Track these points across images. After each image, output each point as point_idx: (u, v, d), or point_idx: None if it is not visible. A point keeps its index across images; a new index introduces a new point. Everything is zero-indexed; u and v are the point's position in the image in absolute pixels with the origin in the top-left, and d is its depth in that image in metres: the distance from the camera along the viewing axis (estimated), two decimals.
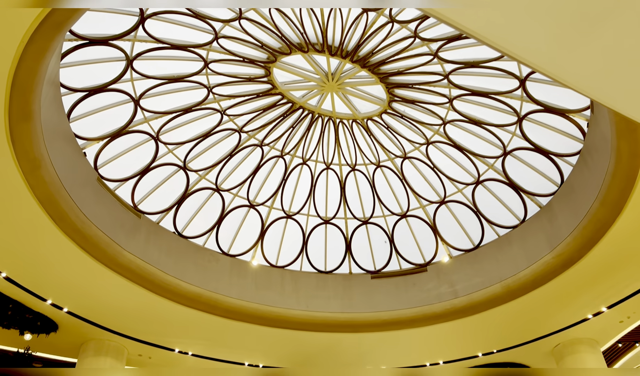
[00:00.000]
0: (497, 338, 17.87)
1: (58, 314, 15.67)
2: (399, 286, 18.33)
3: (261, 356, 18.88)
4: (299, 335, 17.72)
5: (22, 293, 14.71)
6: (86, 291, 15.13)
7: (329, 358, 18.88)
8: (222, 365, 18.89)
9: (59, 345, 16.88)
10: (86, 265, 14.06)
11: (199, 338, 17.63)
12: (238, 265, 17.95)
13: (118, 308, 15.94)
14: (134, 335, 16.99)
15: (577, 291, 15.51)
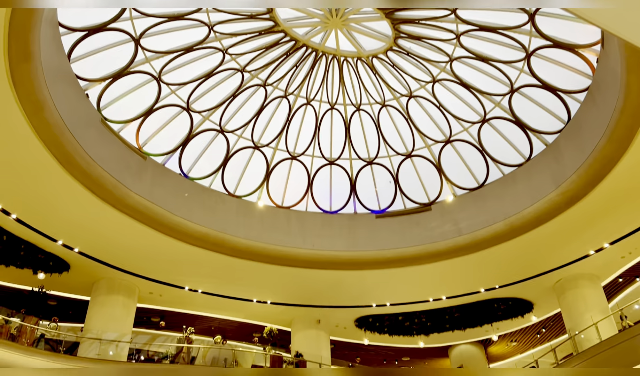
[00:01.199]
0: (499, 274, 18.19)
1: (69, 254, 16.05)
2: (403, 225, 18.52)
3: (269, 293, 19.36)
4: (305, 273, 18.10)
5: (33, 234, 15.02)
6: (96, 231, 15.42)
7: (334, 294, 19.34)
8: (232, 301, 19.41)
9: (71, 284, 17.36)
10: (94, 206, 14.27)
11: (208, 276, 18.06)
12: (244, 206, 18.13)
13: (128, 248, 16.28)
14: (144, 273, 17.43)
15: (580, 228, 15.65)
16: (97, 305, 17.18)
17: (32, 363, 14.10)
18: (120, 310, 17.24)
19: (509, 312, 19.73)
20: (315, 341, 20.13)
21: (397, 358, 23.68)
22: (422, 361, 23.68)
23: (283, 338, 20.45)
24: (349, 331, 21.69)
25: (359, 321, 20.95)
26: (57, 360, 14.69)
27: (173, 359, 17.02)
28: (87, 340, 16.10)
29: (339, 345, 22.28)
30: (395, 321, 20.74)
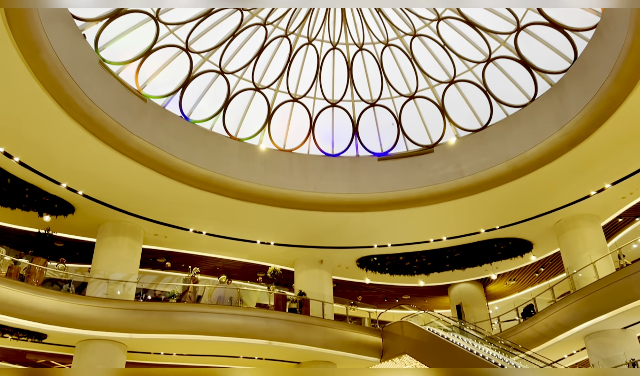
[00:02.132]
0: (500, 215, 18.35)
1: (74, 197, 16.20)
2: (405, 168, 18.54)
3: (272, 234, 19.64)
4: (308, 215, 18.29)
5: (37, 177, 15.12)
6: (99, 174, 15.51)
7: (337, 236, 19.61)
8: (236, 243, 19.72)
9: (77, 226, 17.62)
10: (96, 149, 14.28)
11: (211, 218, 18.27)
12: (246, 149, 18.10)
13: (132, 190, 16.41)
14: (149, 216, 17.65)
15: (581, 169, 15.65)
16: (103, 246, 17.49)
17: (41, 303, 14.52)
18: (126, 251, 17.55)
19: (509, 252, 20.04)
20: (317, 280, 20.59)
21: (398, 296, 24.27)
22: (422, 299, 24.28)
23: (286, 277, 20.93)
24: (350, 271, 22.14)
25: (361, 261, 21.34)
26: (66, 299, 15.12)
27: (179, 298, 17.52)
28: (95, 280, 16.51)
29: (341, 284, 22.79)
30: (396, 261, 21.13)
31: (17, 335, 14.51)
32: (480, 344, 16.97)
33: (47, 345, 15.74)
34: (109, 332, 15.30)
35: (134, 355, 16.92)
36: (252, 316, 16.97)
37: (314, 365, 18.21)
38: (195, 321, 16.27)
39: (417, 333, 17.96)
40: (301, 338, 17.33)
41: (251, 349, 17.32)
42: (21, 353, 17.06)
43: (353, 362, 18.73)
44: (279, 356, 18.11)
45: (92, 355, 15.28)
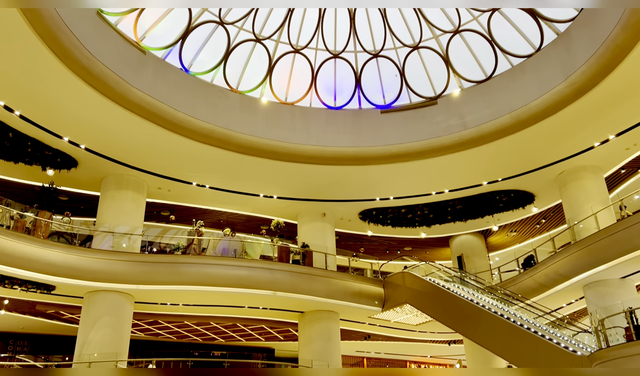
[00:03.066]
0: (503, 167, 18.34)
1: (76, 151, 16.20)
2: (408, 120, 18.41)
3: (275, 188, 19.70)
4: (310, 169, 18.30)
5: (39, 131, 15.08)
6: (100, 128, 15.45)
7: (339, 189, 19.68)
8: (239, 196, 19.82)
9: (81, 180, 17.68)
10: (96, 102, 14.18)
11: (214, 172, 18.30)
12: (248, 102, 17.95)
13: (134, 144, 16.38)
14: (151, 169, 17.68)
15: (586, 120, 15.53)
16: (107, 199, 17.59)
17: (48, 255, 14.74)
18: (130, 205, 17.67)
19: (510, 204, 20.13)
20: (320, 233, 20.79)
21: (400, 248, 24.55)
22: (423, 251, 24.57)
23: (290, 230, 21.13)
24: (353, 224, 22.33)
25: (363, 214, 21.49)
26: (72, 252, 15.35)
27: (185, 250, 17.79)
28: (100, 234, 16.70)
29: (344, 236, 23.03)
30: (398, 213, 21.27)
31: (27, 287, 14.80)
32: (481, 294, 17.29)
33: (56, 296, 16.09)
34: (115, 284, 15.60)
35: (141, 306, 17.30)
36: (256, 268, 17.24)
37: (317, 314, 18.62)
38: (200, 272, 16.55)
39: (418, 284, 18.29)
40: (305, 288, 17.66)
41: (256, 299, 17.67)
42: (31, 304, 17.46)
43: (355, 311, 19.16)
44: (283, 306, 18.51)
45: (99, 306, 15.62)
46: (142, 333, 21.62)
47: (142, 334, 21.75)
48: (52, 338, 21.45)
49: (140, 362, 16.67)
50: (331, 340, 18.49)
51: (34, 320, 19.68)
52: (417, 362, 29.79)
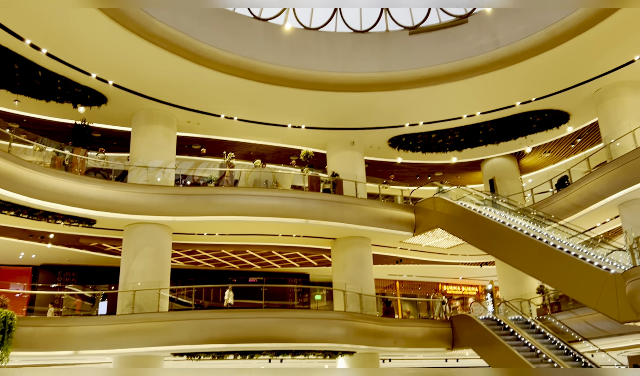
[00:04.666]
0: (536, 87, 17.72)
1: (105, 87, 16.34)
2: (438, 41, 17.80)
3: (303, 118, 19.61)
4: (338, 97, 18.08)
5: (67, 68, 15.21)
6: (126, 63, 15.46)
7: (368, 116, 19.45)
8: (267, 127, 19.83)
9: (112, 116, 17.94)
10: (120, 36, 14.13)
11: (241, 103, 18.26)
12: (271, 30, 17.57)
13: (160, 78, 16.39)
14: (180, 103, 17.76)
15: (626, 32, 14.72)
16: (138, 135, 17.87)
17: (87, 190, 15.23)
18: (161, 139, 17.92)
19: (544, 124, 19.61)
20: (350, 161, 20.80)
21: (430, 173, 24.44)
22: (454, 175, 24.39)
23: (319, 159, 21.19)
24: (382, 151, 22.21)
25: (392, 140, 21.30)
26: (110, 187, 15.82)
27: (217, 182, 18.11)
28: (135, 168, 17.08)
29: (373, 164, 23.00)
30: (428, 139, 21.02)
31: (69, 221, 15.44)
32: (513, 216, 17.21)
33: (97, 230, 16.77)
34: (153, 216, 16.14)
35: (179, 236, 17.90)
36: (287, 198, 17.52)
37: (349, 240, 18.96)
38: (234, 203, 16.91)
39: (449, 208, 18.31)
40: (336, 216, 17.92)
41: (289, 228, 18.11)
42: (75, 238, 18.28)
43: (386, 237, 19.43)
44: (315, 233, 18.89)
45: (139, 238, 16.25)
46: (182, 262, 22.49)
47: (182, 263, 22.63)
48: (97, 269, 22.56)
49: (181, 289, 17.43)
50: (364, 265, 18.92)
51: (79, 252, 20.66)
52: (448, 284, 30.32)
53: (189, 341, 14.29)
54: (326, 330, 15.71)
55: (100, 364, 16.95)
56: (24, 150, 15.66)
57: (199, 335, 14.27)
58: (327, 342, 15.66)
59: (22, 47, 14.18)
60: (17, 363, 14.97)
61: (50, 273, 22.65)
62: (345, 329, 15.97)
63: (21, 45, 14.06)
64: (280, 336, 14.89)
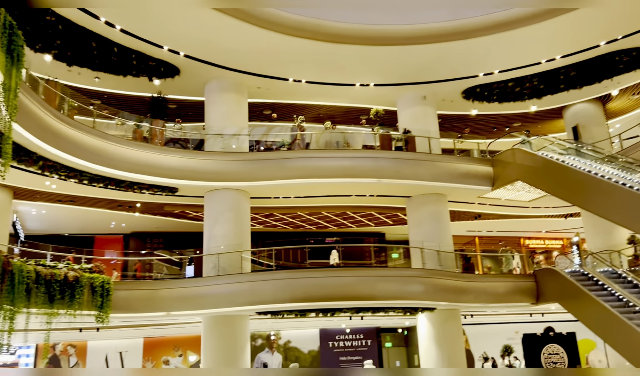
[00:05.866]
0: (624, 23, 16.23)
1: (177, 58, 16.79)
2: None
3: (371, 75, 19.25)
4: (406, 50, 17.56)
5: (139, 42, 15.76)
6: (195, 32, 15.76)
7: (439, 69, 18.79)
8: (335, 88, 19.69)
9: (185, 87, 18.46)
10: (186, 6, 14.32)
11: (308, 65, 18.18)
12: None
13: (229, 46, 16.59)
14: (249, 69, 17.96)
15: None
16: (211, 104, 18.33)
17: (168, 160, 15.92)
18: (233, 107, 18.29)
19: (633, 64, 18.07)
20: (422, 117, 20.25)
21: (508, 124, 23.39)
22: (534, 125, 23.21)
23: (390, 117, 20.83)
24: (456, 104, 21.47)
25: (466, 92, 20.51)
26: (189, 156, 16.46)
27: (289, 146, 18.32)
28: (211, 137, 17.61)
29: (446, 118, 22.32)
30: (505, 88, 20.04)
31: (153, 191, 16.28)
32: (599, 163, 16.19)
33: (179, 197, 17.58)
34: (230, 182, 16.69)
35: (256, 201, 18.38)
36: (359, 158, 17.45)
37: (424, 198, 18.68)
38: (306, 166, 17.07)
39: (530, 159, 17.52)
40: (409, 173, 17.65)
41: (361, 188, 18.08)
42: (160, 206, 19.25)
43: (463, 192, 18.95)
44: (388, 192, 18.74)
45: (219, 203, 16.88)
46: (261, 225, 23.16)
47: (260, 226, 23.31)
48: (182, 235, 23.73)
49: (261, 251, 18.02)
50: (440, 222, 18.61)
51: (165, 219, 21.76)
52: (531, 237, 29.27)
53: (272, 300, 14.83)
54: (405, 287, 15.76)
55: (190, 324, 18.00)
56: (106, 125, 16.52)
57: (280, 294, 14.76)
58: (406, 299, 15.72)
59: (97, 26, 14.78)
60: (117, 324, 16.19)
61: (139, 240, 24.09)
62: (424, 286, 15.94)
63: (97, 23, 14.66)
64: (359, 294, 15.11)
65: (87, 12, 14.13)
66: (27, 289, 11.15)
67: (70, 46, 15.05)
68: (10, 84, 8.79)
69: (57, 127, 13.13)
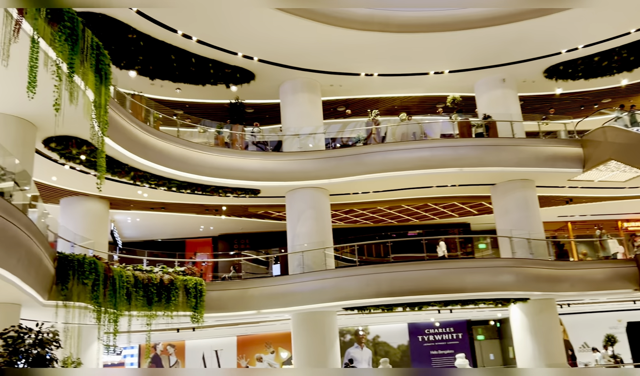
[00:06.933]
0: None
1: (251, 63, 17.26)
2: None
3: (445, 62, 18.76)
4: (482, 33, 17.00)
5: (215, 51, 16.38)
6: (267, 36, 16.13)
7: (517, 49, 17.96)
8: (408, 78, 19.38)
9: (260, 90, 18.95)
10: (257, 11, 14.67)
11: (379, 58, 18.03)
12: None
13: (300, 47, 16.85)
14: (321, 68, 18.12)
15: None
16: (287, 105, 18.68)
17: (249, 164, 16.38)
18: (308, 106, 18.52)
19: None
20: (502, 100, 19.45)
21: (596, 101, 21.95)
22: (625, 99, 21.60)
23: (467, 103, 20.22)
24: (538, 84, 20.44)
25: (549, 71, 19.46)
26: (268, 158, 16.86)
27: (365, 141, 18.26)
28: (288, 138, 17.92)
29: (528, 99, 21.31)
30: (590, 63, 18.83)
31: (237, 193, 16.85)
32: None
33: (262, 198, 18.06)
34: (309, 180, 16.93)
35: (335, 197, 18.48)
36: (438, 147, 17.08)
37: (509, 184, 17.94)
38: (383, 159, 16.95)
39: (623, 136, 16.34)
40: (492, 160, 17.03)
41: (442, 178, 17.66)
42: (244, 208, 19.85)
43: (552, 176, 18.01)
44: (471, 180, 18.19)
45: (300, 202, 17.17)
46: (342, 221, 23.26)
47: (341, 223, 23.41)
48: (266, 235, 24.33)
49: (344, 247, 18.09)
50: (529, 208, 17.77)
51: (249, 221, 22.41)
52: (629, 220, 27.26)
53: (358, 295, 14.84)
54: (495, 277, 15.23)
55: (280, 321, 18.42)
56: (190, 133, 17.28)
57: (366, 289, 14.75)
58: (497, 290, 15.18)
59: (175, 39, 15.51)
60: (211, 323, 16.87)
61: (227, 242, 24.98)
62: (515, 276, 15.32)
63: (174, 36, 15.39)
64: (446, 287, 14.79)
65: (165, 26, 14.86)
66: (128, 293, 11.88)
67: (151, 61, 15.89)
68: (100, 101, 9.38)
69: (145, 139, 13.88)
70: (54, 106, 7.70)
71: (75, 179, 14.29)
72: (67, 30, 7.78)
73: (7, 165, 8.54)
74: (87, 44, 8.55)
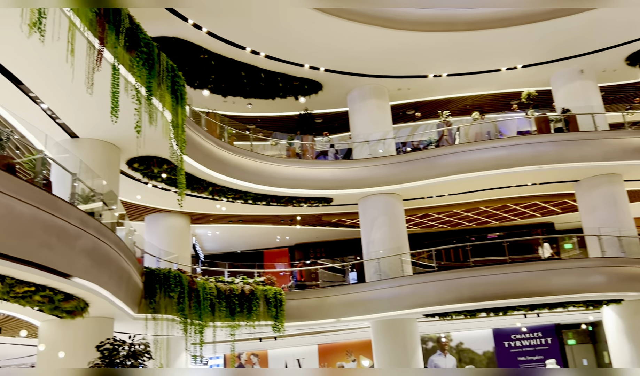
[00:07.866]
0: None
1: (318, 74, 17.48)
2: None
3: (517, 56, 18.08)
4: (556, 24, 16.29)
5: (282, 65, 16.75)
6: (332, 46, 16.27)
7: (595, 37, 16.99)
8: (479, 76, 18.86)
9: (328, 100, 19.13)
10: (321, 21, 14.80)
11: (447, 58, 17.67)
12: None
13: (365, 53, 16.83)
14: (388, 72, 18.01)
15: None
16: (355, 112, 18.70)
17: (320, 173, 16.54)
18: (376, 112, 18.45)
19: None
20: (581, 92, 18.48)
21: None
22: None
23: (543, 98, 19.40)
24: (619, 73, 19.24)
25: (631, 58, 18.27)
26: (338, 166, 16.97)
27: (437, 143, 17.93)
28: (358, 145, 17.93)
29: (610, 90, 20.09)
30: None
31: (310, 203, 17.07)
32: None
33: (335, 207, 18.16)
34: (381, 187, 16.83)
35: (409, 202, 18.25)
36: (514, 145, 16.48)
37: (594, 180, 16.96)
38: (457, 161, 16.54)
39: None
40: (574, 155, 16.18)
41: (521, 177, 17.00)
42: (318, 216, 20.06)
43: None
44: (552, 178, 17.38)
45: (373, 209, 17.09)
46: (417, 227, 22.91)
47: (416, 228, 23.06)
48: (341, 242, 24.41)
49: (421, 252, 17.81)
50: (617, 204, 16.66)
51: (323, 229, 22.59)
52: None
53: (437, 302, 14.53)
54: (583, 279, 14.41)
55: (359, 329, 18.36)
56: (262, 146, 17.71)
57: (446, 295, 14.41)
58: (586, 292, 14.36)
59: (244, 55, 16.00)
60: (292, 332, 17.08)
61: (303, 251, 25.30)
62: (606, 276, 14.43)
63: (243, 53, 15.88)
64: (531, 290, 14.17)
65: (233, 44, 15.37)
66: (211, 304, 12.30)
67: (223, 79, 16.50)
68: (178, 120, 9.83)
69: (221, 154, 14.37)
70: (136, 128, 8.15)
71: (157, 197, 15.03)
72: (144, 56, 8.22)
73: (95, 186, 9.13)
74: (163, 67, 9.01)
